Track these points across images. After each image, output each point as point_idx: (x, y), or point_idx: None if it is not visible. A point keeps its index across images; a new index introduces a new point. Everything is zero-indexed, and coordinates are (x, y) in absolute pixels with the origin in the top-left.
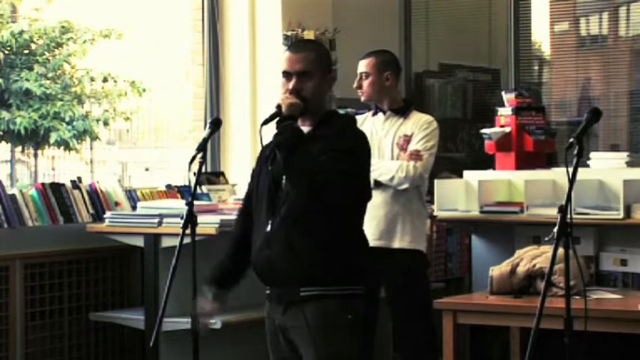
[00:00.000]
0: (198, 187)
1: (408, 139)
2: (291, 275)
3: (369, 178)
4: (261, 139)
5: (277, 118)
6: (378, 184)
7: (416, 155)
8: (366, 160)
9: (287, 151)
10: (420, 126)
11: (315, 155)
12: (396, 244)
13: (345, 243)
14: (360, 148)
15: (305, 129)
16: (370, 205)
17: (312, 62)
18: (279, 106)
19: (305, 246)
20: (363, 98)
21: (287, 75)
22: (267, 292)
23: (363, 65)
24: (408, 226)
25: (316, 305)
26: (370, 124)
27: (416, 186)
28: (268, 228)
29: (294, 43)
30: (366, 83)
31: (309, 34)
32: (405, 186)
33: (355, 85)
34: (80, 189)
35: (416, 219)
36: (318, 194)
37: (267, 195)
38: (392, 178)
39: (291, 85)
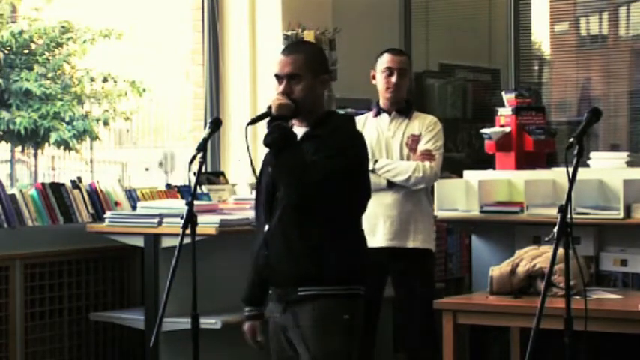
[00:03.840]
0: (198, 187)
1: (416, 139)
2: (289, 275)
3: (367, 177)
4: (246, 138)
5: (267, 119)
6: (391, 185)
7: (428, 155)
8: (362, 158)
9: (276, 151)
10: (426, 126)
11: (309, 155)
12: (410, 243)
13: (343, 243)
14: (355, 146)
15: (302, 130)
16: (383, 206)
17: (302, 65)
18: (269, 107)
19: (302, 246)
20: (392, 95)
21: (278, 78)
22: (270, 291)
23: (401, 62)
24: (420, 225)
25: (313, 305)
26: (374, 124)
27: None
28: (266, 228)
29: (286, 46)
30: (403, 81)
31: (309, 34)
32: (422, 186)
33: (396, 80)
34: (80, 189)
35: (426, 218)
36: (308, 193)
37: (265, 196)
38: (408, 179)
39: (281, 87)
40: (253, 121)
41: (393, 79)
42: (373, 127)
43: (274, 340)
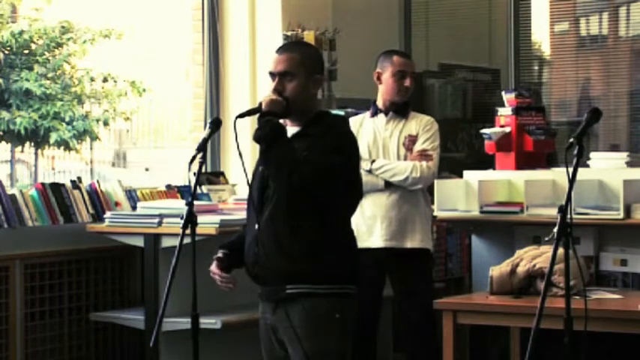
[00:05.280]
0: (198, 187)
1: (413, 139)
2: (279, 273)
3: (359, 176)
4: (235, 132)
5: (258, 114)
6: (388, 185)
7: (425, 155)
8: (354, 158)
9: (265, 146)
10: (423, 126)
11: (299, 152)
12: (408, 243)
13: (334, 241)
14: (349, 145)
15: (294, 129)
16: (380, 206)
17: (295, 63)
18: (260, 103)
19: (292, 244)
20: (401, 98)
21: (272, 75)
22: (259, 291)
23: (412, 66)
24: (418, 225)
25: (304, 304)
26: (371, 124)
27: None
28: (257, 226)
29: (282, 45)
30: (412, 85)
31: (309, 34)
32: (420, 186)
33: (409, 84)
34: (80, 189)
35: (423, 218)
36: (298, 188)
37: (256, 194)
38: (406, 179)
39: (273, 85)
40: (243, 115)
41: (407, 82)
42: (370, 127)
43: (265, 340)
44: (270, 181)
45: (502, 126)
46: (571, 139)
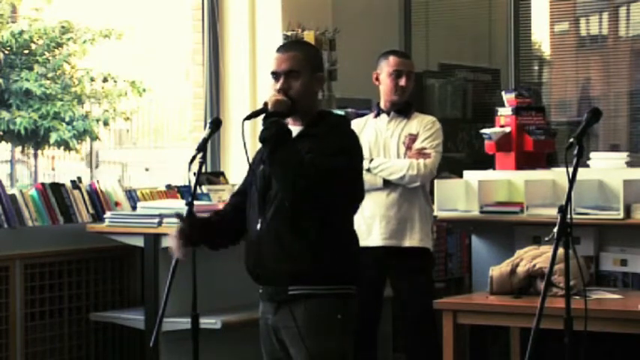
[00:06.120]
0: (198, 187)
1: (413, 138)
2: (280, 273)
3: (361, 177)
4: (242, 134)
5: (264, 115)
6: (387, 184)
7: (423, 153)
8: (357, 158)
9: (271, 147)
10: (424, 126)
11: (303, 153)
12: (407, 242)
13: (336, 242)
14: (350, 146)
15: (296, 129)
16: (379, 205)
17: (300, 62)
18: (265, 103)
19: (294, 244)
20: (399, 98)
21: (275, 75)
22: (260, 291)
23: (409, 65)
24: (417, 224)
25: (306, 305)
26: (373, 125)
27: (422, 185)
28: (258, 226)
29: (282, 44)
30: (410, 84)
31: (309, 34)
32: (417, 183)
33: (405, 83)
34: (80, 189)
35: (423, 217)
36: (303, 190)
37: (258, 194)
38: (403, 177)
39: (278, 84)
40: (250, 117)
41: (402, 82)
42: (372, 128)
43: (265, 340)
44: (274, 182)
45: (502, 126)
46: (571, 139)
